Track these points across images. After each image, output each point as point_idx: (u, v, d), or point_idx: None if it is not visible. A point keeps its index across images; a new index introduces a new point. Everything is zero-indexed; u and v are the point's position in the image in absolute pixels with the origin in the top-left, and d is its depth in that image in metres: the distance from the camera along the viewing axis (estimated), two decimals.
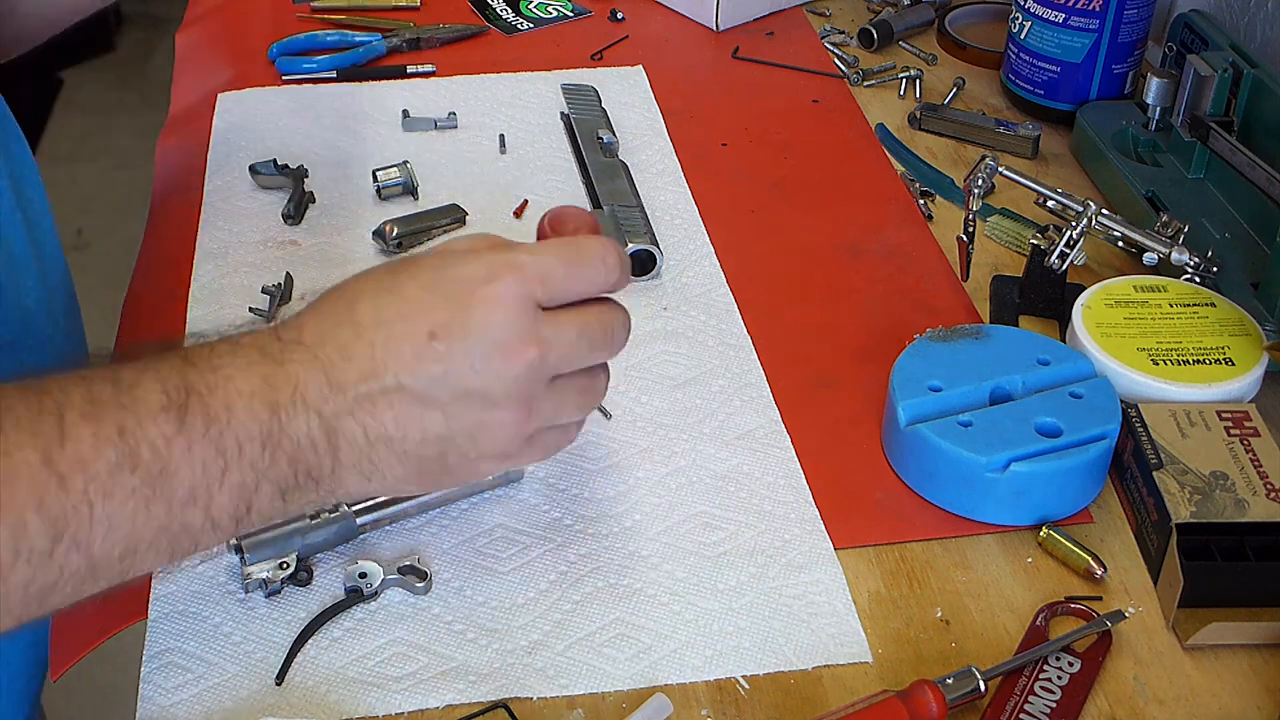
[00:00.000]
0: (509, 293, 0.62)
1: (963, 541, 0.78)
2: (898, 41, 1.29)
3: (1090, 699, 0.69)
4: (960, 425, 0.78)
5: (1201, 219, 0.98)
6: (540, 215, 0.72)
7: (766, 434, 0.84)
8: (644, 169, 1.09)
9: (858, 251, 1.02)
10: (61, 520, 0.55)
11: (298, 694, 0.69)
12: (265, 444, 0.60)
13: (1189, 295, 0.89)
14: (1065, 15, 1.11)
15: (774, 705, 0.69)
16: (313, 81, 1.20)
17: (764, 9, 1.33)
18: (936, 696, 0.66)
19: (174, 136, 1.15)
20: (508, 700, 0.68)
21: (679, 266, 0.99)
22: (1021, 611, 0.74)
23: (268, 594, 0.73)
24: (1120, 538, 0.79)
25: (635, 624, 0.72)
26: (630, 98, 1.19)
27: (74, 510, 0.55)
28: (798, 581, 0.75)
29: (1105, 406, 0.80)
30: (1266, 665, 0.71)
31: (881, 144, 1.14)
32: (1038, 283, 0.93)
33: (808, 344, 0.92)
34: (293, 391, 0.61)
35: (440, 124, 1.14)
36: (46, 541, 0.55)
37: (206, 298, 0.95)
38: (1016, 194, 1.05)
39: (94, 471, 0.56)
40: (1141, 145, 1.08)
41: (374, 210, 1.04)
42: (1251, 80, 0.99)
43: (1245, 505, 0.74)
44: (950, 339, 0.84)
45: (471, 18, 1.32)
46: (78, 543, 0.56)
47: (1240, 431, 0.79)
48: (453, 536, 0.77)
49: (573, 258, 0.64)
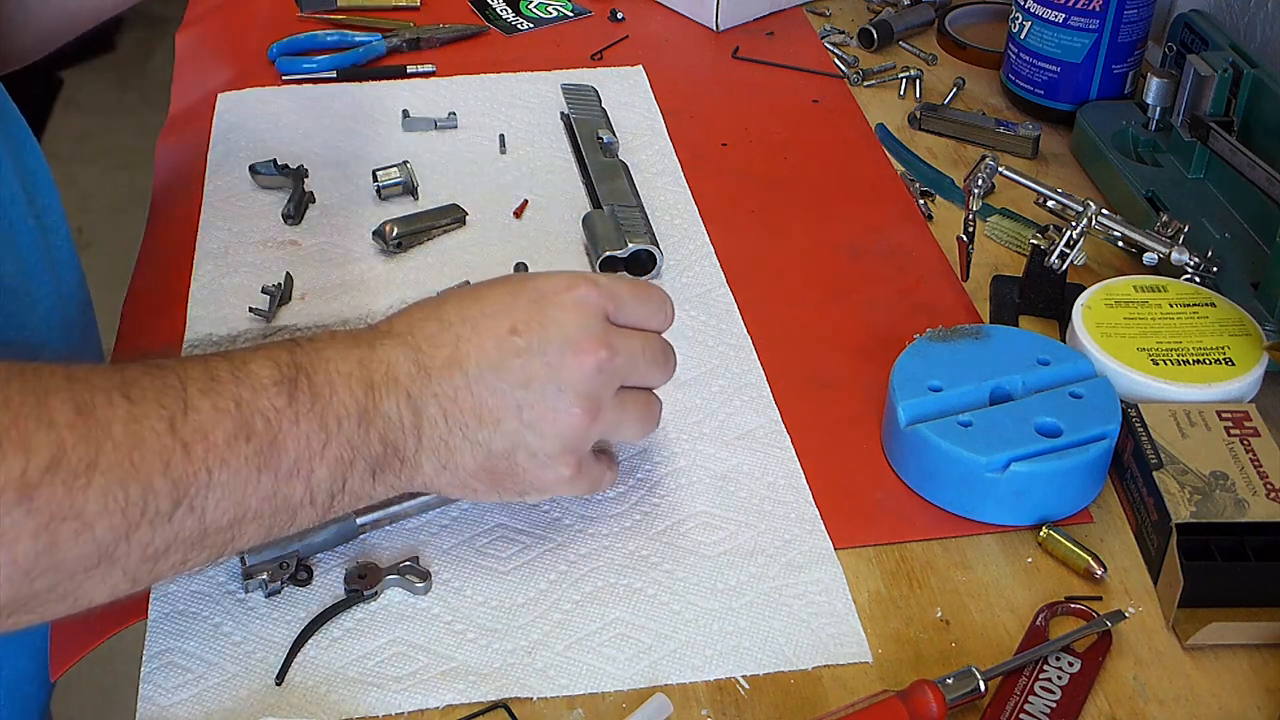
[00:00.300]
0: (585, 298, 0.70)
1: (963, 541, 0.78)
2: (898, 41, 1.29)
3: (1090, 699, 0.69)
4: (960, 425, 0.78)
5: (1201, 219, 0.98)
6: (540, 215, 0.73)
7: (766, 434, 0.84)
8: (644, 169, 1.09)
9: (858, 251, 1.02)
10: (183, 484, 0.59)
11: (298, 694, 0.69)
12: (361, 420, 0.65)
13: (1189, 295, 0.89)
14: (1065, 15, 1.11)
15: (774, 705, 0.69)
16: (313, 81, 1.20)
17: (764, 9, 1.33)
18: (936, 696, 0.66)
19: (174, 136, 1.15)
20: (508, 700, 0.69)
21: (679, 266, 0.99)
22: (1021, 611, 0.74)
23: (268, 594, 0.73)
24: (1120, 538, 0.79)
25: (635, 624, 0.72)
26: (630, 98, 1.19)
27: (194, 475, 0.60)
28: (798, 581, 0.75)
29: (1105, 406, 0.80)
30: (1266, 665, 0.71)
31: (881, 144, 1.14)
32: (1038, 283, 0.93)
33: (808, 344, 0.92)
34: (385, 371, 0.67)
35: (440, 124, 1.14)
36: (169, 504, 0.59)
37: (206, 298, 0.95)
38: (1016, 194, 1.05)
39: (214, 441, 0.60)
40: (1141, 145, 1.08)
41: (374, 210, 1.04)
42: (1251, 80, 0.99)
43: (1245, 505, 0.74)
44: (950, 339, 0.85)
45: (471, 18, 1.32)
46: (194, 507, 0.60)
47: (1240, 431, 0.79)
48: (453, 536, 0.77)
49: (638, 290, 0.73)
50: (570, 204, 1.05)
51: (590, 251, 0.99)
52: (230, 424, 0.61)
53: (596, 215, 1.01)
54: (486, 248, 1.00)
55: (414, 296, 0.94)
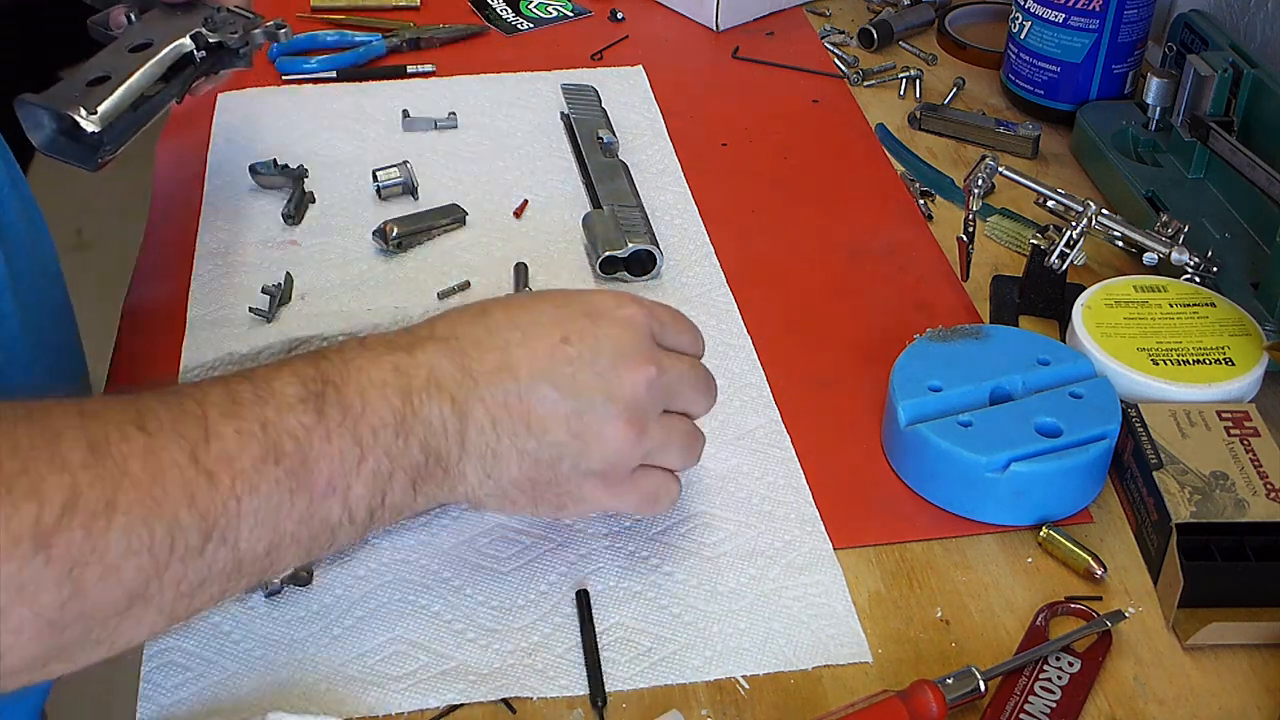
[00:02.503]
0: (635, 316, 0.69)
1: (963, 541, 0.78)
2: (898, 41, 1.29)
3: (1090, 699, 0.69)
4: (960, 425, 0.78)
5: (1201, 219, 0.98)
6: (540, 215, 0.73)
7: (766, 434, 0.84)
8: (644, 169, 1.09)
9: (858, 251, 1.01)
10: (211, 516, 0.57)
11: (298, 693, 0.69)
12: (399, 430, 0.63)
13: (1189, 295, 0.89)
14: (1065, 15, 1.11)
15: (774, 705, 0.69)
16: (313, 81, 1.20)
17: (764, 9, 1.33)
18: (936, 696, 0.66)
19: (174, 136, 1.15)
20: (508, 700, 0.69)
21: (679, 266, 0.99)
22: (1021, 611, 0.74)
23: (268, 594, 0.73)
24: (1120, 538, 0.78)
25: (635, 626, 0.72)
26: (630, 98, 1.19)
27: (223, 506, 0.57)
28: (798, 582, 0.75)
29: (1105, 406, 0.80)
30: (1266, 665, 0.71)
31: (881, 144, 1.14)
32: (1038, 283, 0.93)
33: (808, 344, 0.92)
34: (427, 376, 0.64)
35: (440, 124, 1.14)
36: (199, 538, 0.56)
37: (206, 298, 0.95)
38: (1016, 194, 1.05)
39: (240, 467, 0.58)
40: (1141, 145, 1.08)
41: (374, 210, 1.04)
42: (1251, 80, 0.99)
43: (1245, 505, 0.74)
44: (950, 339, 0.84)
45: (471, 18, 1.32)
46: (226, 538, 0.57)
47: (1240, 431, 0.79)
48: (453, 536, 0.77)
49: (677, 316, 0.73)
50: (570, 204, 1.05)
51: (590, 251, 0.99)
52: (257, 447, 0.58)
53: (596, 215, 1.01)
54: (486, 248, 1.00)
55: (414, 296, 0.95)
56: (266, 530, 0.59)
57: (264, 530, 0.59)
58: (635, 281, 0.97)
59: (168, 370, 0.89)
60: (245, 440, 0.58)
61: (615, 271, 0.97)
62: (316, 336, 0.69)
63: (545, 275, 0.97)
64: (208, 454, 0.57)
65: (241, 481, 0.58)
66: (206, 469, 0.57)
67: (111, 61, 0.87)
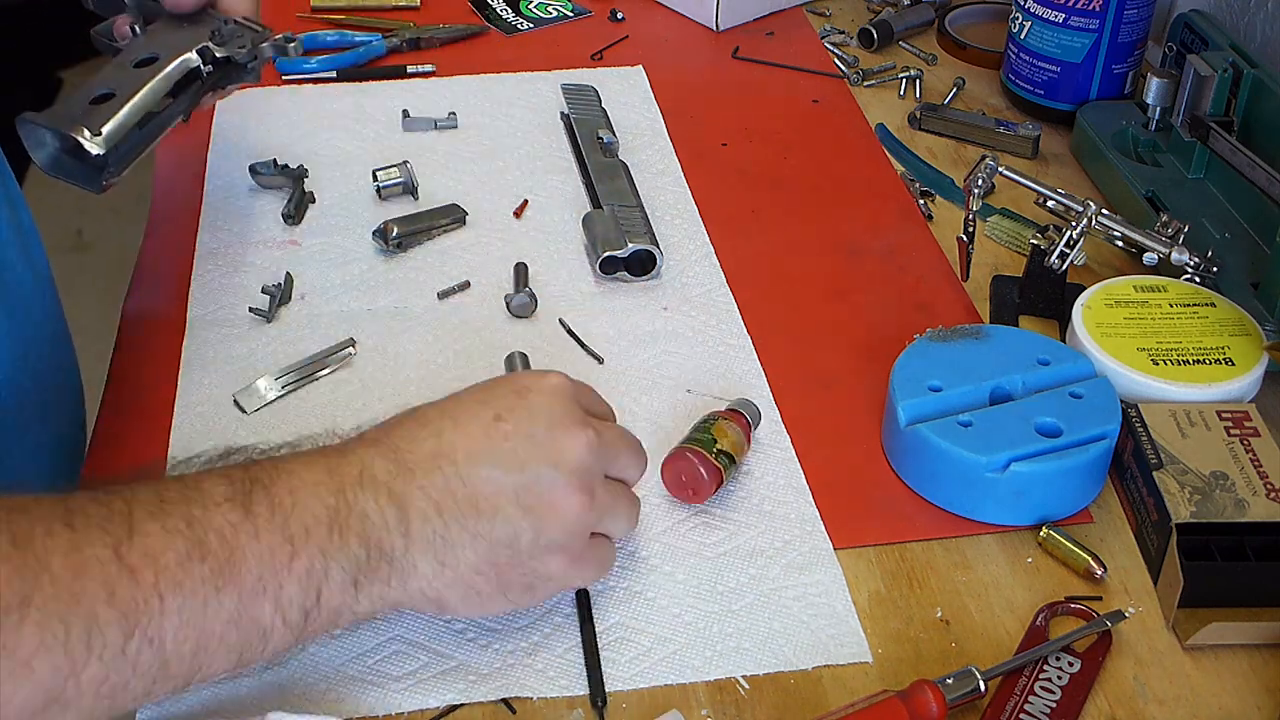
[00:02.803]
0: (561, 384, 0.69)
1: (963, 541, 0.78)
2: (898, 41, 1.29)
3: (1090, 699, 0.69)
4: (960, 425, 0.78)
5: (1201, 219, 0.98)
6: (540, 215, 0.72)
7: (766, 434, 0.84)
8: (644, 169, 1.09)
9: (857, 251, 1.01)
10: (133, 613, 0.56)
11: (298, 693, 0.69)
12: (332, 526, 0.62)
13: (1189, 295, 0.89)
14: (1065, 15, 1.11)
15: (774, 705, 0.69)
16: (313, 81, 1.20)
17: (764, 9, 1.33)
18: (936, 696, 0.66)
19: (174, 137, 1.14)
20: (508, 700, 0.69)
21: (679, 266, 0.99)
22: (1021, 611, 0.74)
23: None
24: (1120, 538, 0.78)
25: (635, 626, 0.72)
26: (630, 98, 1.19)
27: (145, 603, 0.56)
28: (798, 582, 0.75)
29: (1105, 406, 0.80)
30: (1266, 665, 0.71)
31: (881, 144, 1.14)
32: (1038, 283, 0.93)
33: (808, 344, 0.92)
34: (359, 472, 0.64)
35: (440, 124, 1.14)
36: (119, 636, 0.55)
37: (206, 298, 0.95)
38: (1016, 194, 1.05)
39: (164, 563, 0.57)
40: (1141, 145, 1.08)
41: (374, 210, 1.04)
42: (1251, 80, 0.99)
43: (1245, 505, 0.74)
44: (950, 339, 0.84)
45: (471, 18, 1.32)
46: (149, 638, 0.56)
47: (1240, 431, 0.79)
48: None
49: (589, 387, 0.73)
50: (570, 204, 1.05)
51: (590, 251, 0.99)
52: (182, 544, 0.57)
53: (596, 215, 1.00)
54: (486, 248, 1.00)
55: (414, 296, 0.95)
56: (193, 630, 0.58)
57: (190, 630, 0.57)
58: (635, 281, 0.97)
59: (167, 370, 0.89)
60: (170, 537, 0.57)
61: (615, 271, 0.97)
62: (252, 446, 0.68)
63: (545, 275, 0.97)
64: (130, 550, 0.56)
65: (165, 578, 0.57)
66: (129, 565, 0.56)
67: (116, 77, 0.85)
